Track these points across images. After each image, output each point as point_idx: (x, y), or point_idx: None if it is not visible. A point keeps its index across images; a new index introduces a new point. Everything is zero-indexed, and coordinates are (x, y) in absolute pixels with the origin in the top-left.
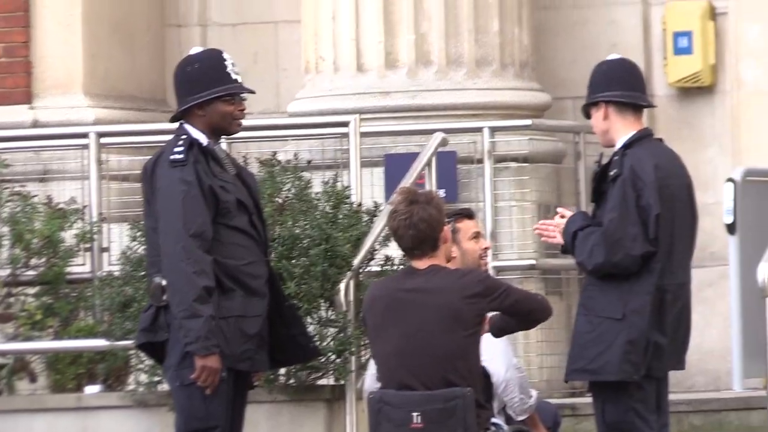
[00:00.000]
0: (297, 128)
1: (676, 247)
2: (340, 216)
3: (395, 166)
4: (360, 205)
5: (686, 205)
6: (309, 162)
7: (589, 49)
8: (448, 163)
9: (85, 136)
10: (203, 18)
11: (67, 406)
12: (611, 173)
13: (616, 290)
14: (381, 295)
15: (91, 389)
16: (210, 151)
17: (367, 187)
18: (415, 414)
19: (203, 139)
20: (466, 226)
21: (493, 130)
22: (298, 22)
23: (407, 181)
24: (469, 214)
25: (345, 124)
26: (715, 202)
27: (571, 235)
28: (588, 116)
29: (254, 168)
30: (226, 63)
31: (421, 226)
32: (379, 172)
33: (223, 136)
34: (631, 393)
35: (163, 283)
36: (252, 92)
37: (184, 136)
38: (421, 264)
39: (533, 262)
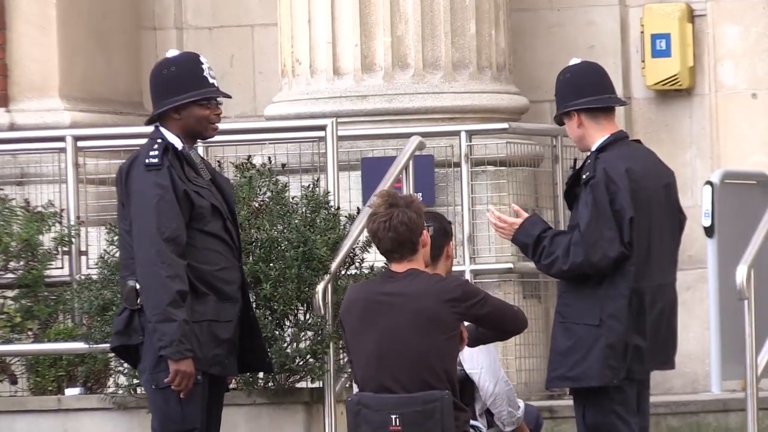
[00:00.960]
0: (274, 132)
1: (654, 249)
2: (318, 220)
3: (372, 169)
4: (338, 209)
5: (664, 206)
6: (284, 165)
7: (566, 51)
8: (425, 167)
9: (61, 139)
10: (179, 21)
11: (47, 407)
12: (583, 176)
13: (591, 296)
14: (359, 298)
15: (72, 391)
16: (185, 156)
17: (344, 191)
18: (393, 416)
19: (178, 143)
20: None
21: (471, 133)
22: (274, 25)
23: (384, 185)
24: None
25: (322, 128)
26: (693, 205)
27: (535, 238)
28: (561, 124)
29: (230, 173)
30: (203, 66)
31: (400, 229)
32: (356, 176)
33: (198, 140)
34: (612, 396)
35: (137, 286)
36: (228, 96)
37: (159, 140)
38: (400, 267)
39: (511, 265)
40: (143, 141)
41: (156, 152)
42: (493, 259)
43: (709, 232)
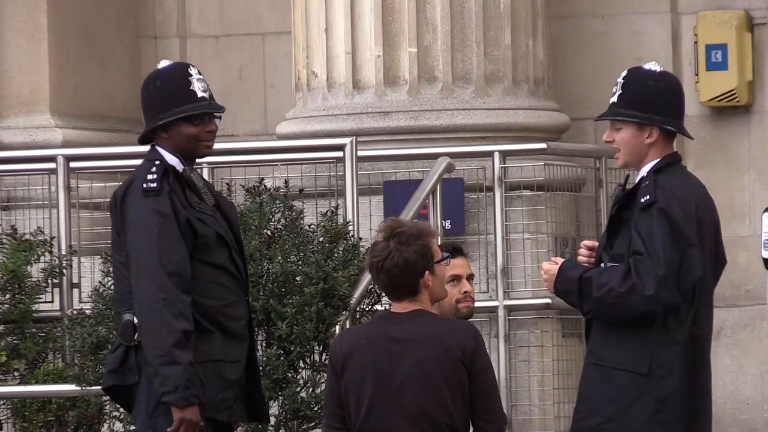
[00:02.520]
0: (287, 152)
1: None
2: (337, 253)
3: (395, 194)
4: (360, 239)
5: (712, 249)
6: (301, 191)
7: (611, 64)
8: (454, 191)
9: (52, 159)
10: (183, 29)
11: None
12: (642, 200)
13: (639, 340)
14: (360, 344)
15: None
16: (186, 179)
17: (364, 218)
18: None
19: (178, 164)
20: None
21: (505, 154)
22: (287, 33)
23: (409, 211)
24: (452, 252)
25: (340, 148)
26: (751, 235)
27: (577, 280)
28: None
29: (240, 197)
30: (191, 79)
31: (394, 272)
32: (377, 201)
33: (200, 160)
34: None
35: (135, 320)
36: (220, 110)
37: (157, 162)
38: (401, 308)
39: (549, 301)
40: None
41: (154, 175)
42: (529, 294)
43: None
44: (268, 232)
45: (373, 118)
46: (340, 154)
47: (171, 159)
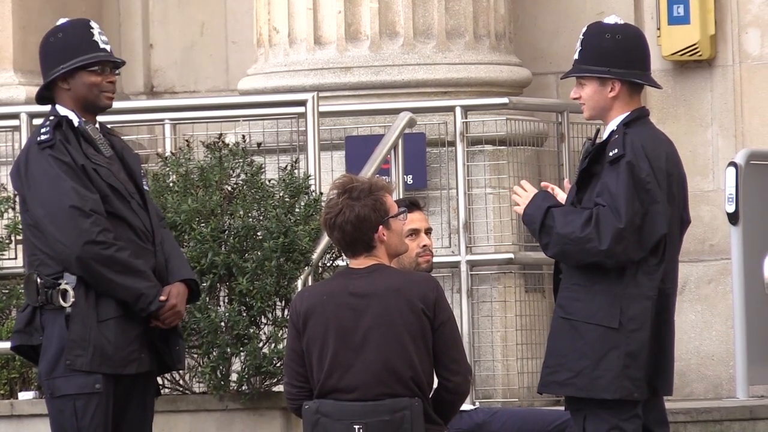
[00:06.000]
0: (248, 108)
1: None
2: (298, 207)
3: (357, 149)
4: (321, 194)
5: (680, 204)
6: (259, 144)
7: (572, 19)
8: (416, 146)
9: (15, 116)
10: None
11: None
12: (610, 153)
13: (608, 294)
14: (319, 302)
15: (25, 395)
16: (81, 131)
17: (326, 173)
18: (357, 426)
19: (74, 117)
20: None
21: (466, 109)
22: None
23: (371, 166)
24: (408, 206)
25: (302, 103)
26: (715, 189)
27: (545, 210)
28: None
29: (200, 152)
30: (92, 31)
31: (346, 228)
32: (339, 156)
33: (163, 116)
34: (623, 409)
35: (39, 280)
36: (122, 62)
37: (51, 117)
38: (359, 263)
39: (511, 255)
40: (108, 117)
41: (47, 128)
42: (491, 249)
43: (733, 218)
44: (229, 188)
45: (334, 73)
46: (301, 109)
47: (66, 112)
